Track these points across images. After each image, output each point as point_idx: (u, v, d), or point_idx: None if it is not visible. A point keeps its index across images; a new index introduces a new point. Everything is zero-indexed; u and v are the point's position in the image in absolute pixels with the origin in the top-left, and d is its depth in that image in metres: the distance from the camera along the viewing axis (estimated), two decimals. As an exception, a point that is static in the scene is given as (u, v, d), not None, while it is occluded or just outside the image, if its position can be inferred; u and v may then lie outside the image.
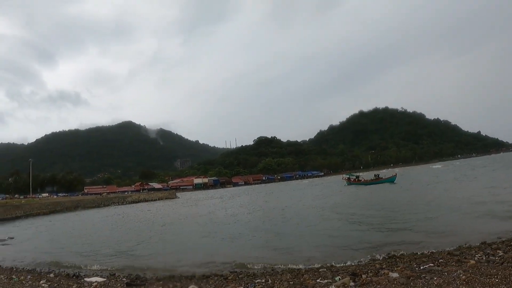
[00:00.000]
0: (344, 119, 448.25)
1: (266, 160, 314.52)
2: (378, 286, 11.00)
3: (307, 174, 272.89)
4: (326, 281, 13.36)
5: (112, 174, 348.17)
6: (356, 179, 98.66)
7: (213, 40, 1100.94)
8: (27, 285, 16.55)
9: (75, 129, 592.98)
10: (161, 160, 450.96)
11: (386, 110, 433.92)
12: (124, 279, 17.70)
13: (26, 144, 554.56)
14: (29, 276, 18.97)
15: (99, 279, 17.56)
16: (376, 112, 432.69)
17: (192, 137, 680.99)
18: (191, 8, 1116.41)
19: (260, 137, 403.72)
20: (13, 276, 18.79)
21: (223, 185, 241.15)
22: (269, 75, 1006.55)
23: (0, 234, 43.89)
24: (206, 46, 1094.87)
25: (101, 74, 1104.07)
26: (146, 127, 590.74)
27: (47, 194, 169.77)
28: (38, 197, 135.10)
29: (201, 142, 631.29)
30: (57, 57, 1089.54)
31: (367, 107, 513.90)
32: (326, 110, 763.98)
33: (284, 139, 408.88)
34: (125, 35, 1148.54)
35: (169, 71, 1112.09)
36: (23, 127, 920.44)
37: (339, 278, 13.25)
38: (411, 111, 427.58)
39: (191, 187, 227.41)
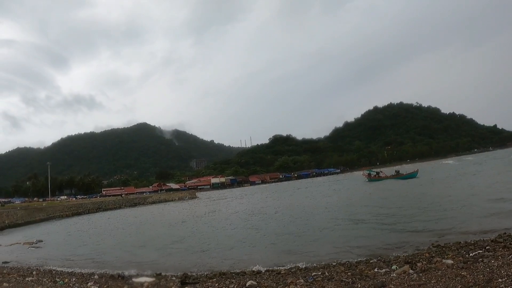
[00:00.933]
0: (359, 115, 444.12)
1: (282, 158, 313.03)
2: (439, 272, 11.31)
3: (323, 172, 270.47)
4: (383, 270, 13.64)
5: (129, 175, 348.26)
6: (377, 175, 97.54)
7: (225, 39, 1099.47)
8: (75, 287, 15.95)
9: (90, 131, 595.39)
10: (176, 161, 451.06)
11: (400, 105, 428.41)
12: (174, 278, 17.55)
13: (42, 148, 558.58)
14: (73, 279, 18.43)
15: (148, 279, 17.41)
16: (391, 108, 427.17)
17: (207, 137, 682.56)
18: (202, 8, 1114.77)
19: (276, 135, 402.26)
20: (57, 279, 18.13)
21: (240, 184, 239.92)
22: (281, 72, 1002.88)
23: (28, 237, 43.33)
24: (218, 45, 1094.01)
25: (115, 76, 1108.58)
26: (161, 128, 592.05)
27: (65, 197, 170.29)
28: (57, 200, 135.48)
29: (216, 142, 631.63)
30: (70, 61, 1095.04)
31: (381, 102, 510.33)
32: (340, 106, 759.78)
33: (299, 136, 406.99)
34: (136, 38, 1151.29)
35: (181, 72, 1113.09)
36: (40, 131, 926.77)
37: (396, 267, 13.61)
38: (426, 106, 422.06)
39: (208, 186, 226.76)
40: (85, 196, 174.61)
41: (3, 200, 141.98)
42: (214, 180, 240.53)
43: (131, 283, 17.04)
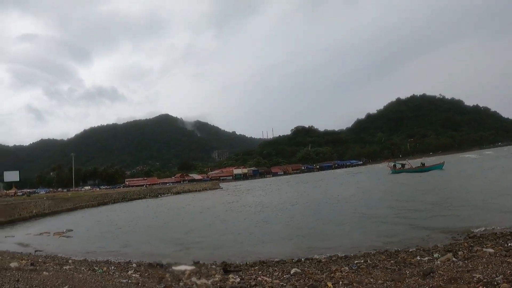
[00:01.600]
0: (382, 107, 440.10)
1: (304, 149, 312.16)
2: (483, 259, 11.52)
3: (345, 163, 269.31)
4: (426, 258, 13.76)
5: (151, 166, 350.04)
6: (402, 167, 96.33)
7: (246, 31, 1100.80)
8: (116, 275, 15.35)
9: (113, 123, 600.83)
10: (198, 152, 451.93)
11: (423, 97, 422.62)
12: (214, 266, 17.40)
13: (66, 139, 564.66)
14: (112, 267, 18.07)
15: (188, 267, 17.05)
16: (413, 99, 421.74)
17: (228, 128, 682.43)
18: (222, 1, 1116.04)
19: (297, 126, 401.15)
20: (95, 267, 17.69)
21: (262, 175, 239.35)
22: (303, 64, 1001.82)
23: (56, 227, 43.13)
24: (239, 37, 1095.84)
25: (136, 69, 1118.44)
26: (183, 119, 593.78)
27: (89, 187, 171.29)
28: (81, 190, 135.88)
29: (237, 133, 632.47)
30: (92, 55, 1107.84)
31: (404, 94, 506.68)
32: (363, 98, 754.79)
33: (321, 128, 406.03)
34: (157, 31, 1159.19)
35: (203, 64, 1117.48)
36: (63, 123, 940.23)
37: (438, 255, 13.72)
38: (449, 98, 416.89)
39: (230, 177, 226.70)
40: (109, 187, 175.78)
41: (28, 190, 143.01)
42: (237, 171, 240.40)
43: (171, 271, 16.60)
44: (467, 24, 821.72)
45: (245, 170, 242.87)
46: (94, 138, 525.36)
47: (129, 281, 13.38)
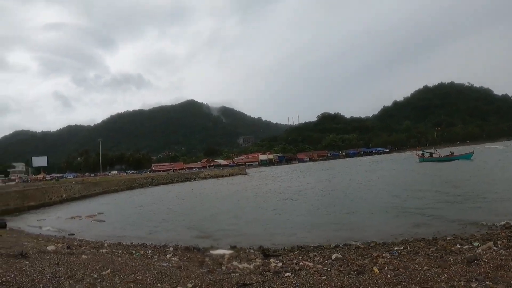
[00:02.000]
0: (409, 94, 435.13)
1: (330, 136, 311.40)
2: None
3: (371, 151, 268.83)
4: (466, 246, 13.67)
5: (177, 151, 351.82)
6: (430, 155, 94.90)
7: (270, 17, 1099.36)
8: (155, 259, 15.24)
9: (139, 109, 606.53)
10: (224, 137, 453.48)
11: (452, 85, 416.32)
12: (252, 250, 17.27)
13: (92, 125, 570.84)
14: (149, 251, 18.07)
15: (226, 251, 17.00)
16: (441, 87, 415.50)
17: (254, 114, 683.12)
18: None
19: (324, 113, 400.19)
20: (132, 251, 17.65)
21: (288, 161, 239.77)
22: (328, 50, 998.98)
23: (88, 211, 43.35)
24: (264, 23, 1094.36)
25: (161, 55, 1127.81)
26: (209, 105, 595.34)
27: (116, 172, 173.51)
28: (108, 175, 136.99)
29: (263, 119, 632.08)
30: (117, 42, 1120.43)
31: (432, 81, 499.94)
32: (389, 85, 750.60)
33: (347, 115, 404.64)
34: (182, 17, 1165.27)
35: (228, 50, 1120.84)
36: (90, 110, 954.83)
37: (478, 244, 13.56)
38: (477, 86, 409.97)
39: (256, 163, 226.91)
40: (135, 172, 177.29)
41: (56, 175, 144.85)
42: (262, 156, 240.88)
43: (210, 255, 16.49)
44: (498, 10, 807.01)
45: (271, 156, 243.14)
46: (120, 123, 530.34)
47: (170, 264, 13.22)
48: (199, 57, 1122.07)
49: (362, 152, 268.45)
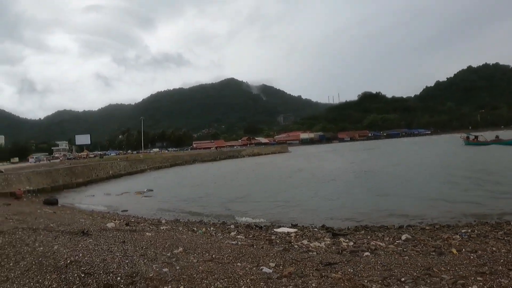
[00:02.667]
0: (452, 75, 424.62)
1: (371, 116, 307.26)
2: None
3: (413, 132, 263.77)
4: None
5: (217, 129, 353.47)
6: (475, 138, 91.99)
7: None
8: (220, 237, 15.03)
9: (179, 87, 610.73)
10: (264, 116, 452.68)
11: (496, 66, 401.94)
12: (315, 229, 17.19)
13: (133, 104, 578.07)
14: (211, 228, 18.06)
15: (290, 230, 16.71)
16: (486, 68, 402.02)
17: (294, 92, 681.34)
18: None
19: (365, 92, 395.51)
20: (194, 228, 17.56)
21: (329, 140, 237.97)
22: (371, 28, 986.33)
23: (135, 187, 43.44)
24: (304, 0, 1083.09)
25: (201, 34, 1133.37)
26: (249, 83, 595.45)
27: (157, 150, 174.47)
28: (150, 153, 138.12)
29: (303, 97, 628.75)
30: (156, 21, 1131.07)
31: (476, 62, 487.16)
32: (432, 64, 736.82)
33: (388, 94, 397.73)
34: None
35: (268, 28, 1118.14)
36: (130, 89, 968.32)
37: None
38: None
39: (297, 142, 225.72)
40: (176, 149, 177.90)
41: (99, 152, 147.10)
42: (303, 135, 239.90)
43: (275, 233, 16.28)
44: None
45: (311, 135, 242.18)
46: (160, 102, 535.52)
47: (239, 242, 12.92)
48: (239, 35, 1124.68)
49: (404, 133, 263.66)
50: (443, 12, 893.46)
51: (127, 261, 8.32)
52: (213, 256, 9.63)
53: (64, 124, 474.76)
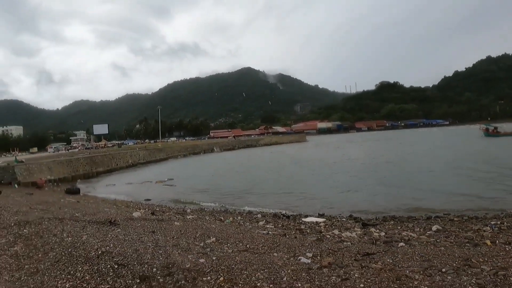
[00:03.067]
0: (470, 65, 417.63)
1: (388, 106, 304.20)
2: None
3: (431, 123, 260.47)
4: None
5: (234, 118, 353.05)
6: (495, 130, 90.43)
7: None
8: (248, 226, 15.21)
9: (195, 77, 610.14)
10: (280, 105, 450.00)
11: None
12: (343, 219, 17.34)
13: (150, 93, 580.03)
14: (239, 217, 18.11)
15: (318, 219, 16.90)
16: (505, 58, 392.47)
17: (311, 81, 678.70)
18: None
19: (382, 81, 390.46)
20: (221, 217, 17.74)
21: (346, 130, 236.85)
22: (388, 17, 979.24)
23: (156, 176, 43.54)
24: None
25: (217, 23, 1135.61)
26: (265, 72, 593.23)
27: (175, 139, 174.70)
28: (168, 142, 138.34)
29: (320, 86, 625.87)
30: (172, 11, 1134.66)
31: (495, 52, 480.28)
32: (450, 54, 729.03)
33: (406, 84, 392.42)
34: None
35: (284, 17, 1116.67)
36: (147, 79, 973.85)
37: None
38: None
39: (314, 131, 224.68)
40: (194, 138, 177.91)
41: (117, 142, 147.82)
42: (321, 124, 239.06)
43: (304, 223, 16.37)
44: None
45: (329, 124, 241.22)
46: (177, 91, 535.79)
47: (270, 232, 13.02)
48: (256, 24, 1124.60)
49: (422, 124, 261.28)
50: (463, 0, 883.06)
51: (161, 251, 8.30)
52: (247, 246, 9.68)
53: (81, 114, 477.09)
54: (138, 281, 6.61)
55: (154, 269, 7.09)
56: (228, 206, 22.10)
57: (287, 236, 12.09)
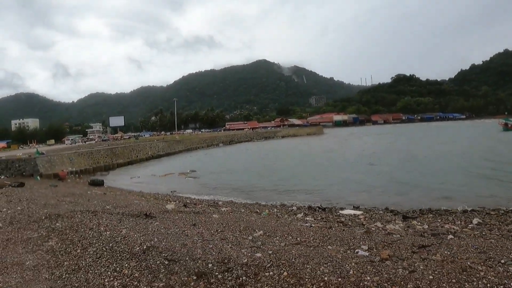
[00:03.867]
0: (487, 58, 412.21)
1: (405, 99, 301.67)
2: None
3: (448, 116, 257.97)
4: None
5: (249, 110, 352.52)
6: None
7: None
8: (288, 218, 14.89)
9: (210, 69, 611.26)
10: (295, 97, 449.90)
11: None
12: (381, 211, 17.19)
13: (164, 86, 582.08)
14: (275, 210, 17.89)
15: (356, 212, 16.76)
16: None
17: (326, 74, 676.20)
18: None
19: (398, 74, 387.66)
20: (257, 210, 17.48)
21: (362, 123, 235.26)
22: (403, 8, 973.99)
23: (176, 168, 43.43)
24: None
25: (232, 16, 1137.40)
26: (280, 64, 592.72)
27: (191, 131, 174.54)
28: (184, 134, 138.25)
29: (335, 79, 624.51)
30: (186, 4, 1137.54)
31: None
32: (466, 47, 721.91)
33: (422, 77, 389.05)
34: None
35: (299, 9, 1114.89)
36: (162, 71, 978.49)
37: None
38: None
39: (330, 124, 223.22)
40: (210, 130, 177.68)
41: (134, 134, 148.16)
42: (337, 117, 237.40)
43: (342, 215, 16.20)
44: None
45: (345, 117, 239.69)
46: (191, 84, 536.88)
47: (312, 224, 12.91)
48: (271, 16, 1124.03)
49: (438, 117, 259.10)
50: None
51: (210, 246, 8.08)
52: (298, 239, 9.47)
53: (96, 107, 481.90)
54: (195, 278, 6.34)
55: (210, 265, 6.81)
56: (257, 198, 21.83)
57: (333, 228, 11.83)
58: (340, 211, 17.01)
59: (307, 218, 14.75)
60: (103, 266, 7.13)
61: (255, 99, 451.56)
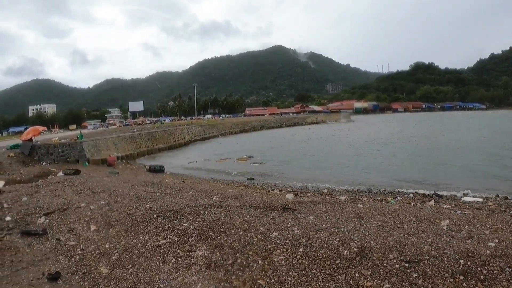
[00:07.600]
0: (507, 47, 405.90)
1: (424, 87, 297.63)
2: None
3: (468, 106, 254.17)
4: None
5: (265, 96, 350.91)
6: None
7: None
8: (427, 206, 13.10)
9: (226, 55, 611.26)
10: (311, 83, 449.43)
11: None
12: (498, 198, 16.21)
13: (181, 71, 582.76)
14: (398, 197, 16.62)
15: (478, 199, 15.89)
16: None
17: (342, 61, 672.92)
18: None
19: (417, 62, 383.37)
20: (389, 198, 16.06)
21: (382, 110, 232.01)
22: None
23: (224, 152, 41.92)
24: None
25: (249, 2, 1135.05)
26: (297, 50, 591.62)
27: (210, 116, 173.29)
28: (204, 119, 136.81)
29: (352, 65, 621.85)
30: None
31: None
32: (486, 35, 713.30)
33: (441, 65, 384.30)
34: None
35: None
36: (178, 57, 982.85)
37: None
38: None
39: (350, 111, 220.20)
40: (229, 116, 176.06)
41: (157, 118, 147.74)
42: (357, 104, 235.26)
43: (462, 201, 15.35)
44: None
45: (365, 104, 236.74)
46: (208, 69, 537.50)
47: (465, 212, 11.74)
48: (288, 1, 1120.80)
49: (458, 107, 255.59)
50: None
51: (429, 240, 7.29)
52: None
53: (112, 92, 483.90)
54: (462, 277, 5.67)
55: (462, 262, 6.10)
56: (333, 184, 20.97)
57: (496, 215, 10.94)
58: (463, 199, 16.09)
59: (445, 206, 13.25)
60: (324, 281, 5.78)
61: (271, 85, 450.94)
